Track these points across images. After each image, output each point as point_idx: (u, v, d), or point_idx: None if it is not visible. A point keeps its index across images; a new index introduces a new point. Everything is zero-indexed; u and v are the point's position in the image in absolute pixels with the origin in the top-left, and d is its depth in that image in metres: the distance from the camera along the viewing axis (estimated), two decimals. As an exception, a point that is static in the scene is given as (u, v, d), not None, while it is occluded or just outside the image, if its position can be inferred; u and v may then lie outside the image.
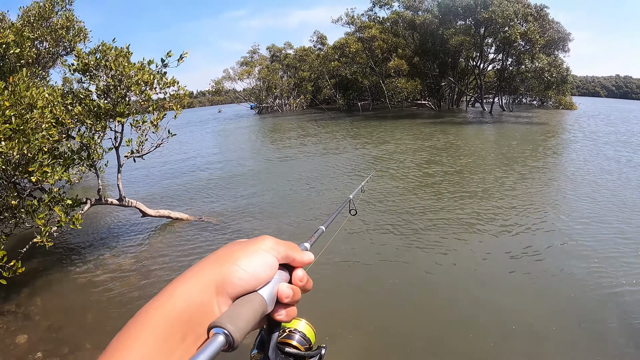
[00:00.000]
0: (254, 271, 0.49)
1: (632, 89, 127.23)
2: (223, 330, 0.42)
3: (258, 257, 0.51)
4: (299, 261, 0.56)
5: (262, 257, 0.51)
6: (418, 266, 5.64)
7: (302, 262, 0.57)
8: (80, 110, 5.72)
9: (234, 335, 0.42)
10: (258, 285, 0.50)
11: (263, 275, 0.50)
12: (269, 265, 0.51)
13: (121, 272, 5.96)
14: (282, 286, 0.52)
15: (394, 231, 6.92)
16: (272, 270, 0.52)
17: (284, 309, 0.53)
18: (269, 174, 12.45)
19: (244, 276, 0.48)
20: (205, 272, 0.49)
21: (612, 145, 15.57)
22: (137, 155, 6.89)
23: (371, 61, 35.89)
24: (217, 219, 8.04)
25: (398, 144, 16.53)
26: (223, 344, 0.41)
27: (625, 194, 8.66)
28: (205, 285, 0.47)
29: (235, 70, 45.59)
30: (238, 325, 0.43)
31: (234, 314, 0.44)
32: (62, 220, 5.05)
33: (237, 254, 0.51)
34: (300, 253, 0.57)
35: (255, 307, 0.47)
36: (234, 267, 0.49)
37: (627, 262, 5.48)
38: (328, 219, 0.99)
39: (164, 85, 6.53)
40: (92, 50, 5.91)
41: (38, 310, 5.03)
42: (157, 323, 0.43)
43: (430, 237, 6.59)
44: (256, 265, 0.50)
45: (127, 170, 11.65)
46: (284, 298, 0.52)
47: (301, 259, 0.57)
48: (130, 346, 0.41)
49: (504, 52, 30.91)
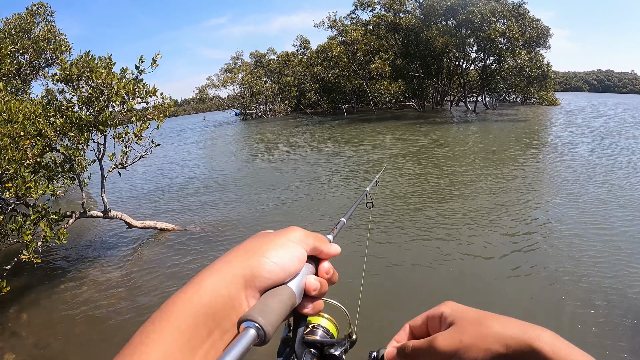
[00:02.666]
0: (283, 263, 0.48)
1: (614, 82, 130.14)
2: (254, 324, 0.41)
3: (287, 249, 0.50)
4: (326, 253, 0.55)
5: (291, 249, 0.50)
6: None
7: (329, 254, 0.56)
8: (62, 122, 5.65)
9: (265, 329, 0.41)
10: (287, 277, 0.49)
11: (292, 268, 0.49)
12: (298, 258, 0.51)
13: (108, 285, 5.88)
14: (310, 279, 0.51)
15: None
16: (301, 262, 0.51)
17: (310, 302, 0.52)
18: (254, 181, 12.39)
19: (273, 268, 0.47)
20: (233, 265, 0.47)
21: (594, 136, 15.90)
22: (121, 167, 6.82)
23: (354, 64, 36.11)
24: (203, 227, 7.99)
25: (383, 145, 16.62)
26: (255, 337, 0.40)
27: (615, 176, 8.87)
28: (233, 278, 0.46)
29: (218, 77, 45.49)
30: (269, 319, 0.42)
31: (264, 307, 0.44)
32: (47, 235, 4.98)
33: (265, 246, 0.50)
34: (327, 245, 0.56)
35: (284, 300, 0.46)
36: (263, 259, 0.48)
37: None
38: (347, 211, 0.99)
39: (146, 94, 6.49)
40: (74, 61, 5.85)
41: (25, 327, 4.93)
42: (183, 317, 0.41)
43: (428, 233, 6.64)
44: (285, 257, 0.49)
45: (111, 181, 11.52)
46: (312, 291, 0.51)
47: (328, 251, 0.56)
48: (156, 340, 0.39)
49: (485, 50, 31.37)
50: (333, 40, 39.43)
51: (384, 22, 36.57)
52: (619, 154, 12.60)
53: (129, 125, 6.62)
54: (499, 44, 29.16)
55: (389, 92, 32.81)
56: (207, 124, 46.98)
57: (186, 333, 0.40)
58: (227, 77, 44.40)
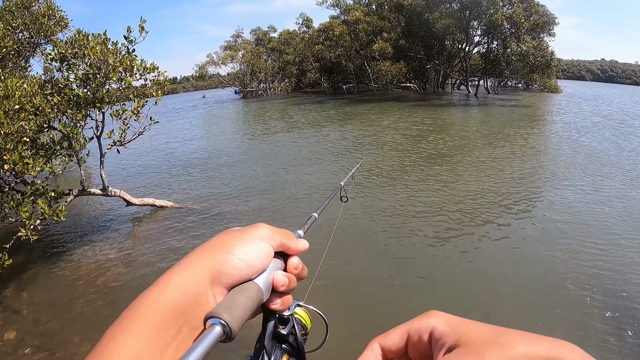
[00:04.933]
0: (250, 260, 0.48)
1: (617, 73, 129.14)
2: (220, 321, 0.41)
3: (254, 245, 0.50)
4: (294, 249, 0.55)
5: (258, 246, 0.50)
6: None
7: (297, 249, 0.56)
8: (60, 100, 5.59)
9: (231, 326, 0.41)
10: (254, 274, 0.49)
11: (259, 264, 0.49)
12: (265, 254, 0.50)
13: (107, 262, 5.92)
14: (278, 274, 0.51)
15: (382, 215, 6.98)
16: (268, 258, 0.51)
17: (279, 298, 0.52)
18: (252, 159, 12.38)
19: (240, 265, 0.47)
20: (199, 262, 0.47)
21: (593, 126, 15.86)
22: (120, 144, 6.79)
23: (356, 44, 35.63)
24: (201, 205, 8.01)
25: (382, 128, 16.54)
26: (220, 334, 0.40)
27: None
28: (200, 275, 0.46)
29: (218, 55, 44.89)
30: (235, 315, 0.42)
31: (230, 303, 0.44)
32: (45, 212, 4.98)
33: (232, 242, 0.50)
34: (295, 241, 0.56)
35: (251, 296, 0.46)
36: (230, 256, 0.48)
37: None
38: (320, 206, 0.97)
39: (144, 71, 6.41)
40: (68, 40, 5.75)
41: (25, 304, 4.98)
42: (150, 316, 0.41)
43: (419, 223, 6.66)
44: (252, 253, 0.49)
45: (109, 159, 11.50)
46: (279, 286, 0.51)
47: (296, 247, 0.56)
48: (124, 339, 0.39)
49: (490, 35, 30.92)
50: (335, 19, 38.78)
51: (387, 1, 35.92)
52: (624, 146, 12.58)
53: (127, 103, 6.57)
54: (504, 29, 28.71)
55: (390, 73, 32.42)
56: (206, 102, 46.60)
57: (155, 331, 0.40)
58: (227, 55, 43.82)
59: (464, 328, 0.43)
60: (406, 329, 0.46)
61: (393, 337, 0.46)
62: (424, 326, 0.45)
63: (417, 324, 0.45)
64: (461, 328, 0.43)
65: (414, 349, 0.46)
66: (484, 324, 0.43)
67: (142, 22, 6.08)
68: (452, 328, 0.43)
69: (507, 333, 0.40)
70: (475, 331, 0.42)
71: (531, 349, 0.38)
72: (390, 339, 0.46)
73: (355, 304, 4.48)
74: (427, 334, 0.44)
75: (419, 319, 0.46)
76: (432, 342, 0.44)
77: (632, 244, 5.58)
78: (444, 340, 0.43)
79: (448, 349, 0.42)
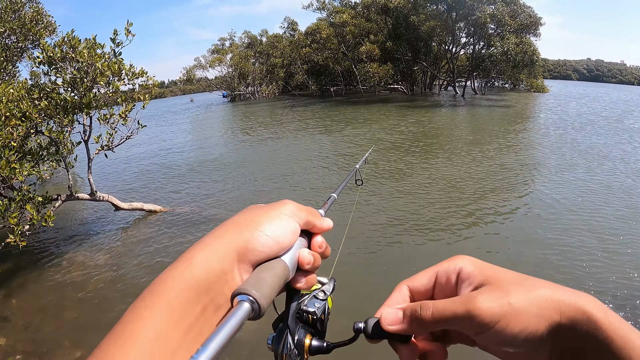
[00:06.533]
0: (278, 237, 0.47)
1: (603, 72, 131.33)
2: (248, 297, 0.39)
3: (280, 222, 0.48)
4: (319, 227, 0.54)
5: (285, 222, 0.49)
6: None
7: (322, 228, 0.54)
8: (47, 105, 5.56)
9: (260, 302, 0.40)
10: (280, 251, 0.47)
11: (285, 241, 0.48)
12: (291, 231, 0.49)
13: (96, 268, 5.88)
14: (304, 252, 0.50)
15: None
16: (294, 236, 0.49)
17: (304, 277, 0.50)
18: (241, 162, 12.38)
19: (267, 242, 0.46)
20: (225, 238, 0.45)
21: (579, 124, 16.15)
22: (107, 149, 6.76)
23: (343, 46, 35.80)
24: (190, 208, 8.00)
25: (370, 129, 16.64)
26: (249, 311, 0.39)
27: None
28: (226, 252, 0.44)
29: (206, 58, 44.79)
30: (263, 292, 0.41)
31: (257, 280, 0.42)
32: (34, 218, 4.95)
33: (259, 219, 0.48)
34: (320, 219, 0.54)
35: (278, 273, 0.45)
36: (257, 232, 0.46)
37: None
38: (338, 187, 0.98)
39: (132, 76, 6.41)
40: (57, 43, 5.72)
41: (14, 311, 4.93)
42: (174, 293, 0.39)
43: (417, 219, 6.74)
44: (279, 230, 0.47)
45: (97, 164, 11.40)
46: (305, 264, 0.49)
47: (321, 225, 0.54)
48: (147, 317, 0.37)
49: (475, 35, 31.32)
50: (323, 21, 38.94)
51: (374, 4, 36.18)
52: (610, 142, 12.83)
53: (114, 107, 6.55)
54: (489, 29, 29.13)
55: (378, 74, 32.64)
56: (194, 106, 46.38)
57: (178, 309, 0.39)
58: (215, 58, 43.76)
59: (491, 271, 0.45)
60: (435, 271, 0.49)
61: (421, 279, 0.49)
62: (452, 267, 0.47)
63: (445, 265, 0.48)
64: (488, 270, 0.45)
65: (440, 291, 0.48)
66: (510, 270, 0.45)
67: (128, 25, 6.07)
68: (479, 270, 0.46)
69: (531, 279, 0.43)
70: (502, 274, 0.44)
71: (554, 293, 0.41)
72: (418, 281, 0.49)
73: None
74: (455, 274, 0.47)
75: (447, 261, 0.49)
76: (459, 283, 0.46)
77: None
78: (471, 280, 0.45)
79: (475, 288, 0.44)
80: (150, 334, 0.36)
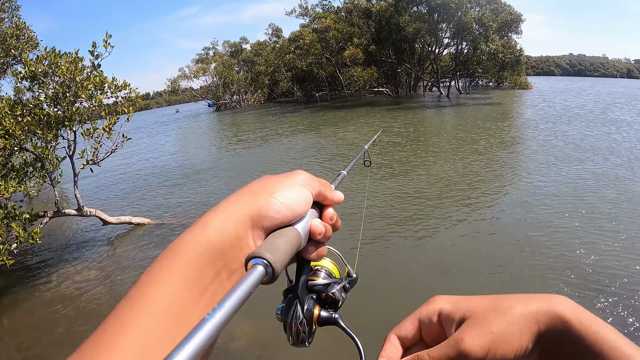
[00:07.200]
0: (291, 204, 0.47)
1: (585, 66, 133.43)
2: (262, 261, 0.40)
3: (294, 190, 0.49)
4: (331, 199, 0.54)
5: (299, 191, 0.49)
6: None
7: (334, 200, 0.55)
8: (30, 120, 5.52)
9: (274, 266, 0.40)
10: (293, 219, 0.48)
11: (299, 209, 0.48)
12: (305, 200, 0.49)
13: (86, 283, 5.83)
14: (316, 222, 0.50)
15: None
16: (307, 205, 0.50)
17: (315, 247, 0.51)
18: (229, 171, 12.39)
19: (282, 208, 0.46)
20: (239, 204, 0.46)
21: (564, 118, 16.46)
22: (93, 163, 6.72)
23: (327, 51, 35.98)
24: (179, 220, 7.96)
25: (354, 132, 16.74)
26: (263, 274, 0.39)
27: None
28: (240, 218, 0.44)
29: (190, 69, 44.71)
30: (277, 257, 0.41)
31: (271, 245, 0.43)
32: (20, 236, 4.90)
33: (273, 186, 0.48)
34: (332, 191, 0.55)
35: (291, 240, 0.45)
36: (271, 199, 0.46)
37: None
38: (348, 165, 1.00)
39: (115, 88, 6.39)
40: (39, 58, 5.70)
41: (6, 330, 4.87)
42: (189, 257, 0.40)
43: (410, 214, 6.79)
44: (293, 198, 0.48)
45: (83, 178, 11.31)
46: (317, 234, 0.50)
47: (333, 197, 0.54)
48: (162, 280, 0.38)
49: (459, 37, 31.72)
50: (306, 27, 39.13)
51: (356, 8, 36.48)
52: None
53: (98, 121, 6.52)
54: (474, 31, 29.55)
55: (362, 78, 32.80)
56: (180, 116, 46.19)
57: (193, 273, 0.40)
58: (199, 68, 43.66)
59: (466, 303, 0.49)
60: (417, 317, 0.52)
61: (407, 327, 0.52)
62: (431, 310, 0.51)
63: (424, 310, 0.52)
64: (464, 304, 0.49)
65: (427, 333, 0.51)
66: (482, 296, 0.50)
67: (107, 38, 6.06)
68: (456, 306, 0.50)
69: (502, 299, 0.48)
70: (476, 304, 0.49)
71: (527, 307, 0.46)
72: (405, 329, 0.52)
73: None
74: (436, 316, 0.50)
75: (425, 305, 0.52)
76: (443, 322, 0.50)
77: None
78: (452, 317, 0.49)
79: (457, 323, 0.48)
80: (165, 297, 0.37)
